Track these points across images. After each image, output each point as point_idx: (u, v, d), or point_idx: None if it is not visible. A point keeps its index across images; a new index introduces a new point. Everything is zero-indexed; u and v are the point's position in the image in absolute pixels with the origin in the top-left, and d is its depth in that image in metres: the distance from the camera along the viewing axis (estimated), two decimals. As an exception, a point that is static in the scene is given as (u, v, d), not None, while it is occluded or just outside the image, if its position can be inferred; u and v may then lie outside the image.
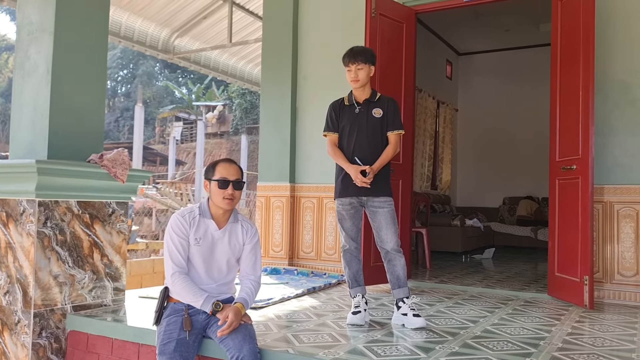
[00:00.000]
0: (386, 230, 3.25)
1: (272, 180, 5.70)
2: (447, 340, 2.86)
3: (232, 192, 2.65)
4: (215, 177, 2.67)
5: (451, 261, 6.72)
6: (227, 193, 2.65)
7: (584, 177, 3.83)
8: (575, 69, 3.97)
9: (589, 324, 3.35)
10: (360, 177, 3.18)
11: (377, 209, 3.27)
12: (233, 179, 2.66)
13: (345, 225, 3.34)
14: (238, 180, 2.68)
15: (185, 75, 32.46)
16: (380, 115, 3.33)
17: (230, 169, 2.68)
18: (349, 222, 3.33)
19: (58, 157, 3.32)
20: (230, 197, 2.66)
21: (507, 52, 9.36)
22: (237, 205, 2.81)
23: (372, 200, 3.27)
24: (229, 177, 2.66)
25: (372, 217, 3.30)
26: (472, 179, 9.66)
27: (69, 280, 3.31)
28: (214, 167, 2.71)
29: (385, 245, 3.26)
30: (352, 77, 3.32)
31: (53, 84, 3.33)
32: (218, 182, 2.65)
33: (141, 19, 7.92)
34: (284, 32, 5.74)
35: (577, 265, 3.86)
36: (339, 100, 3.46)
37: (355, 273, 3.36)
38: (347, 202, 3.31)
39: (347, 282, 3.40)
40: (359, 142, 3.29)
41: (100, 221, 3.49)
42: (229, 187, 2.65)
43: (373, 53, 3.39)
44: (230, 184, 2.65)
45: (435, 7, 5.08)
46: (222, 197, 2.66)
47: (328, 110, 3.45)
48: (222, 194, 2.65)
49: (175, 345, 2.50)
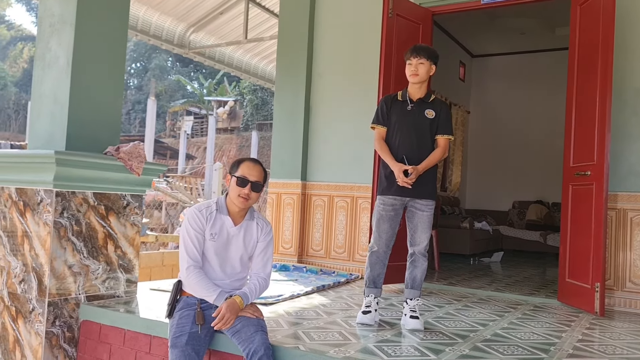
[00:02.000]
0: (421, 233, 3.22)
1: (284, 178, 5.72)
2: (457, 342, 2.86)
3: (248, 192, 2.67)
4: (236, 174, 2.69)
5: (459, 263, 6.71)
6: (243, 192, 2.67)
7: (598, 184, 3.82)
8: (593, 74, 3.95)
9: (599, 331, 3.34)
10: (402, 176, 3.12)
11: (418, 210, 3.22)
12: (253, 180, 2.68)
13: (381, 226, 3.23)
14: (257, 182, 2.69)
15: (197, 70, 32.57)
16: (432, 117, 3.26)
17: (252, 170, 2.70)
18: (386, 224, 3.23)
19: (76, 148, 3.35)
20: (246, 197, 2.67)
21: (521, 56, 9.31)
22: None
23: (415, 202, 3.22)
24: (250, 177, 2.68)
25: (411, 217, 3.25)
26: (482, 181, 9.63)
27: (83, 271, 3.35)
28: (239, 164, 2.73)
29: (416, 247, 3.25)
30: (411, 71, 3.24)
31: (73, 75, 3.36)
32: (237, 180, 2.68)
33: (158, 13, 7.96)
34: (300, 30, 5.76)
35: (588, 272, 3.85)
36: (392, 95, 3.39)
37: (377, 276, 3.28)
38: (389, 203, 3.22)
39: (365, 281, 3.31)
40: (407, 140, 3.24)
41: (115, 213, 3.53)
42: (247, 187, 2.67)
43: (437, 54, 3.34)
44: (249, 184, 2.67)
45: (452, 8, 5.07)
46: (237, 194, 2.68)
47: (382, 101, 3.39)
48: (238, 191, 2.67)
49: (187, 339, 2.52)
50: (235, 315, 2.56)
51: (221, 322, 2.52)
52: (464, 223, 7.44)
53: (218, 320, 2.52)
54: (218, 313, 2.53)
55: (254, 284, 2.73)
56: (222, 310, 2.53)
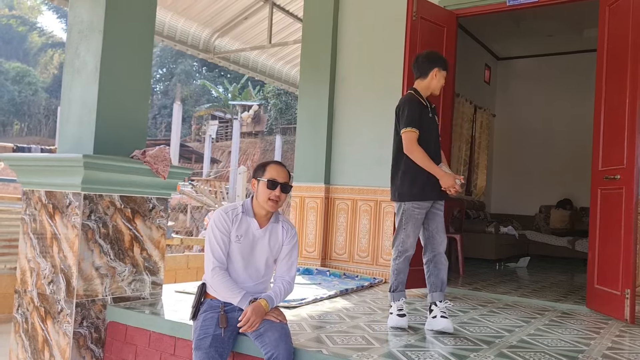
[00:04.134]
0: (442, 233, 3.29)
1: (307, 181, 5.74)
2: (482, 348, 2.83)
3: (279, 194, 2.69)
4: (265, 177, 2.71)
5: (485, 268, 6.62)
6: (274, 194, 2.69)
7: (628, 188, 3.73)
8: (623, 75, 3.87)
9: (629, 339, 3.26)
10: (457, 186, 3.18)
11: (438, 211, 3.30)
12: (282, 182, 2.71)
13: (416, 230, 3.26)
14: (286, 184, 2.72)
15: (222, 75, 32.90)
16: (439, 124, 3.43)
17: (280, 172, 2.73)
18: (419, 228, 3.28)
19: (103, 152, 3.42)
20: (276, 199, 2.70)
21: (548, 58, 9.17)
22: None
23: (437, 203, 3.29)
24: (279, 179, 2.71)
25: (432, 219, 3.28)
26: (507, 185, 9.50)
27: (109, 273, 3.40)
28: (264, 167, 2.75)
29: (439, 248, 3.28)
30: (442, 85, 3.36)
31: (101, 81, 3.43)
32: (267, 182, 2.70)
33: (184, 18, 8.08)
34: (324, 34, 5.78)
35: (618, 278, 3.76)
36: (417, 98, 3.33)
37: (404, 279, 3.32)
38: (424, 207, 3.24)
39: (394, 286, 3.29)
40: (436, 148, 3.33)
41: (141, 216, 3.58)
42: (277, 189, 2.69)
43: None
44: (279, 185, 2.70)
45: (477, 11, 5.03)
46: (267, 197, 2.69)
47: (414, 104, 3.27)
48: (268, 194, 2.69)
49: (211, 341, 2.55)
50: (260, 319, 2.57)
51: (247, 324, 2.54)
52: (490, 227, 7.35)
53: (244, 323, 2.54)
54: (244, 316, 2.55)
55: (278, 287, 2.74)
56: (247, 313, 2.54)
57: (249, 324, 2.53)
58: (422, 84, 3.37)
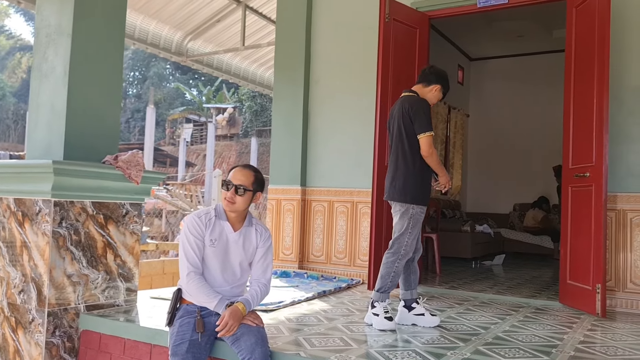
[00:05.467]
0: (420, 235, 3.44)
1: (283, 184, 5.72)
2: (458, 346, 2.85)
3: (232, 195, 2.68)
4: (224, 178, 2.74)
5: (461, 267, 6.69)
6: (227, 195, 2.70)
7: (597, 185, 3.82)
8: (590, 75, 3.95)
9: (601, 332, 3.33)
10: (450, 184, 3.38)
11: (424, 214, 3.41)
12: (236, 183, 2.69)
13: (415, 234, 3.35)
14: (240, 186, 2.68)
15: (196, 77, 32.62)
16: None
17: (238, 173, 2.72)
18: (419, 229, 3.39)
19: (74, 157, 3.35)
20: (230, 200, 2.69)
21: (519, 58, 9.31)
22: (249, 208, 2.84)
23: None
24: (233, 180, 2.70)
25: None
26: (482, 184, 9.62)
27: (82, 280, 3.34)
28: (231, 170, 2.78)
29: (420, 247, 3.46)
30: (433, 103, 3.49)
31: (70, 85, 3.37)
32: (222, 183, 2.75)
33: (155, 21, 7.99)
34: (297, 36, 5.77)
35: (589, 273, 3.84)
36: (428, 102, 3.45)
37: (397, 281, 3.38)
38: (425, 211, 3.38)
39: (385, 287, 3.30)
40: None
41: (114, 222, 3.52)
42: (230, 191, 2.69)
43: None
44: (233, 187, 2.69)
45: (448, 12, 5.08)
46: (223, 197, 2.73)
47: (428, 108, 3.38)
48: (224, 194, 2.72)
49: (188, 347, 2.52)
50: (238, 323, 2.56)
51: (225, 329, 2.52)
52: (465, 226, 7.43)
53: (221, 328, 2.52)
54: (222, 320, 2.53)
55: (255, 291, 2.73)
56: (225, 318, 2.53)
57: (227, 328, 2.52)
58: (422, 90, 3.49)
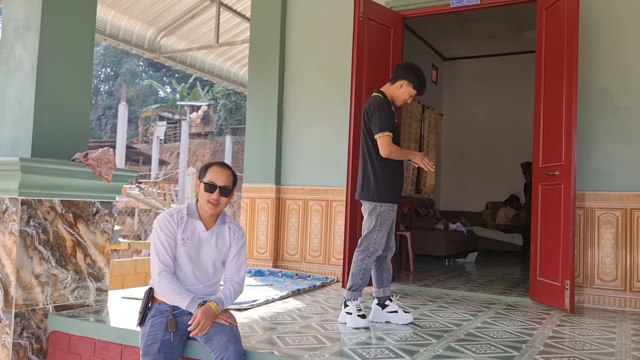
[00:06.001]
0: (393, 233, 3.46)
1: (258, 182, 5.69)
2: (431, 343, 2.88)
3: (217, 197, 2.65)
4: (205, 180, 2.67)
5: (434, 265, 6.76)
6: (212, 197, 2.65)
7: (566, 183, 3.89)
8: (559, 76, 4.03)
9: (569, 327, 3.40)
10: (427, 160, 3.29)
11: (394, 212, 3.41)
12: (221, 185, 2.66)
13: (384, 231, 3.34)
14: (226, 187, 2.67)
15: (170, 75, 32.23)
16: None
17: (220, 174, 2.68)
18: (388, 229, 3.38)
19: (42, 155, 3.28)
20: (215, 203, 2.65)
21: (491, 58, 9.45)
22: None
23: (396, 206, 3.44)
24: (218, 182, 2.66)
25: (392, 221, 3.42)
26: (455, 183, 9.73)
27: (51, 280, 3.27)
28: (207, 169, 2.71)
29: (392, 245, 3.46)
30: (408, 102, 3.44)
31: (38, 81, 3.29)
32: (205, 185, 2.65)
33: (127, 17, 7.86)
34: (272, 34, 5.74)
35: (558, 270, 3.92)
36: (387, 102, 3.40)
37: (368, 278, 3.38)
38: (395, 209, 3.37)
39: (356, 285, 3.31)
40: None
41: (84, 221, 3.46)
42: (215, 192, 2.65)
43: None
44: (217, 189, 2.65)
45: (422, 12, 5.12)
46: (206, 200, 2.66)
47: (385, 108, 3.33)
48: (207, 197, 2.65)
49: (160, 347, 2.49)
50: (211, 322, 2.53)
51: (197, 328, 2.49)
52: (439, 224, 7.50)
53: (194, 327, 2.49)
54: (194, 319, 2.50)
55: (228, 289, 2.70)
56: (197, 317, 2.50)
57: (200, 327, 2.49)
58: (389, 89, 3.45)
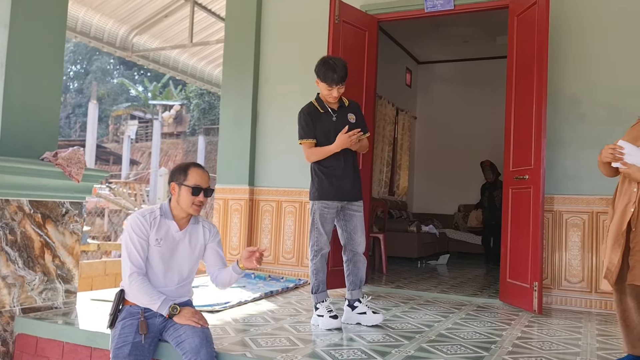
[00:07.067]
0: (360, 234, 3.39)
1: (231, 183, 5.66)
2: (403, 344, 2.91)
3: (203, 199, 2.67)
4: (188, 183, 2.64)
5: (407, 267, 6.83)
6: (198, 200, 2.65)
7: (535, 187, 3.98)
8: (529, 82, 4.12)
9: (537, 328, 3.47)
10: (350, 133, 3.25)
11: (354, 212, 3.38)
12: (205, 187, 2.68)
13: (326, 228, 3.35)
14: (209, 189, 2.70)
15: (142, 73, 31.76)
16: (354, 121, 3.44)
17: (203, 176, 2.69)
18: (330, 225, 3.37)
19: (10, 154, 3.20)
20: (200, 204, 2.67)
21: (465, 63, 9.60)
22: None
23: (352, 204, 3.39)
24: (203, 184, 2.67)
25: (349, 220, 3.39)
26: (428, 185, 9.84)
27: (18, 282, 3.19)
28: (186, 172, 2.68)
29: (358, 248, 3.39)
30: (333, 96, 3.37)
31: (7, 78, 3.21)
32: (192, 189, 2.63)
33: (99, 14, 7.73)
34: (247, 34, 5.72)
35: (527, 272, 4.00)
36: (311, 107, 3.44)
37: (324, 278, 3.39)
38: (333, 206, 3.34)
39: (315, 287, 3.35)
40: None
41: (52, 221, 3.39)
42: (201, 195, 2.65)
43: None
44: (202, 191, 2.65)
45: (397, 16, 5.17)
46: (192, 203, 2.65)
47: (302, 117, 3.42)
48: (193, 200, 2.65)
49: (130, 349, 2.46)
50: (199, 314, 2.61)
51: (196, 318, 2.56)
52: (412, 227, 7.58)
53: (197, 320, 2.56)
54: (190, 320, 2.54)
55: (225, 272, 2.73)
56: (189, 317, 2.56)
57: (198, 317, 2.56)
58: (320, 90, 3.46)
